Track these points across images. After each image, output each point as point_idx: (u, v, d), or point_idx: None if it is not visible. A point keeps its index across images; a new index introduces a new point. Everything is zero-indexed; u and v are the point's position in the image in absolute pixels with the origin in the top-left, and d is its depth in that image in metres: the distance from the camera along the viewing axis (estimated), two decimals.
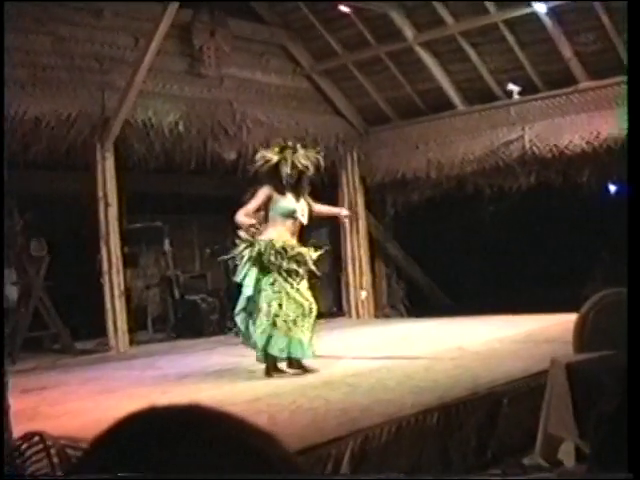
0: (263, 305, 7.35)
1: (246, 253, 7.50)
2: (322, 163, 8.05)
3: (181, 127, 11.15)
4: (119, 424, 0.87)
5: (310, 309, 7.52)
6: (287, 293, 7.41)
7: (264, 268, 7.42)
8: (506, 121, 12.32)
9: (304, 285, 7.59)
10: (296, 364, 7.57)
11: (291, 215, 7.60)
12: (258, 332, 7.32)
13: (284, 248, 7.43)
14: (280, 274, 7.42)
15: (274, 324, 7.32)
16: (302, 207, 7.66)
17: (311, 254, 7.61)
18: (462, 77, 12.57)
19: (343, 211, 8.61)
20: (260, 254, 7.41)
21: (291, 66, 13.27)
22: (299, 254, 7.51)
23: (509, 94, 12.20)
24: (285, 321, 7.34)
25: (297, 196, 7.65)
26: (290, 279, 7.46)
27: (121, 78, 10.42)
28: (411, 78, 12.93)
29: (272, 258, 7.37)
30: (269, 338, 7.32)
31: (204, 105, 11.62)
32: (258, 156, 7.84)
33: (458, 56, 12.20)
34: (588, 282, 11.08)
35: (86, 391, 7.31)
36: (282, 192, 7.59)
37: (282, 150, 7.78)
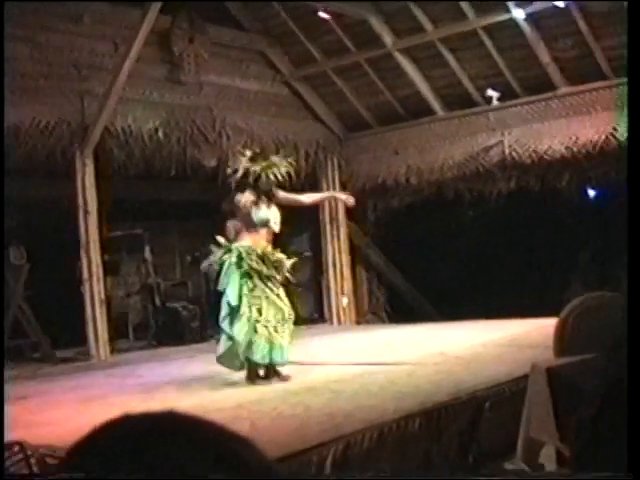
0: (244, 310, 7.33)
1: (226, 258, 7.48)
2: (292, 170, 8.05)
3: (161, 134, 11.14)
4: (94, 432, 0.87)
5: (289, 314, 7.54)
6: (267, 298, 7.41)
7: (244, 274, 7.41)
8: (485, 127, 12.38)
9: (282, 292, 7.60)
10: (272, 371, 7.54)
11: (265, 224, 7.61)
12: (240, 337, 7.30)
13: (264, 254, 7.45)
14: (260, 279, 7.42)
15: (255, 330, 7.30)
16: (275, 215, 7.67)
17: (288, 261, 7.63)
18: (441, 83, 12.61)
19: (341, 195, 8.39)
20: (241, 259, 7.39)
21: (270, 72, 13.27)
22: (278, 260, 7.53)
23: (488, 100, 12.25)
24: (266, 327, 7.32)
25: (269, 204, 7.64)
26: (270, 284, 7.46)
27: (100, 85, 10.39)
28: (390, 84, 12.96)
29: (254, 264, 7.37)
30: (250, 344, 7.29)
31: (184, 112, 11.60)
32: (238, 166, 7.78)
33: (437, 62, 12.24)
34: (568, 286, 11.14)
35: (67, 400, 7.27)
36: (256, 201, 7.58)
37: (255, 158, 7.77)
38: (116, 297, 12.59)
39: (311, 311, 14.20)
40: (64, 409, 6.73)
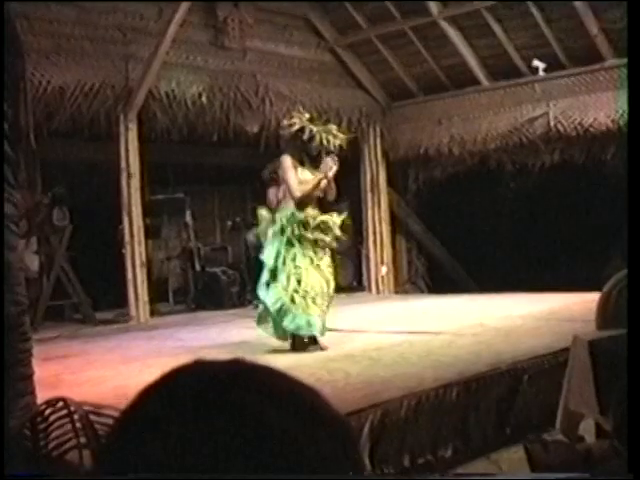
0: (282, 278, 7.28)
1: (269, 231, 7.44)
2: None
3: (204, 99, 11.15)
4: (166, 377, 0.86)
5: (329, 287, 7.45)
6: (307, 269, 7.30)
7: (287, 241, 7.34)
8: (531, 98, 12.23)
9: (326, 261, 7.50)
10: (312, 340, 7.50)
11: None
12: (273, 306, 7.25)
13: (306, 219, 7.34)
14: (304, 246, 7.34)
15: (292, 300, 7.23)
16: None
17: (335, 219, 7.51)
18: (487, 53, 12.47)
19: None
20: (283, 229, 7.32)
21: (314, 39, 13.21)
22: (322, 222, 7.42)
23: (534, 70, 12.10)
24: (304, 297, 7.22)
25: (314, 169, 7.54)
26: (311, 253, 7.37)
27: (145, 49, 10.42)
28: (435, 53, 12.84)
29: (296, 230, 7.27)
30: (285, 314, 7.24)
31: (227, 77, 11.59)
32: (295, 120, 7.64)
33: (483, 31, 12.09)
34: (609, 261, 11.02)
35: (108, 360, 7.36)
36: (302, 164, 7.49)
37: (313, 120, 7.69)
38: (156, 260, 12.68)
39: (350, 279, 14.21)
40: (105, 369, 6.82)
